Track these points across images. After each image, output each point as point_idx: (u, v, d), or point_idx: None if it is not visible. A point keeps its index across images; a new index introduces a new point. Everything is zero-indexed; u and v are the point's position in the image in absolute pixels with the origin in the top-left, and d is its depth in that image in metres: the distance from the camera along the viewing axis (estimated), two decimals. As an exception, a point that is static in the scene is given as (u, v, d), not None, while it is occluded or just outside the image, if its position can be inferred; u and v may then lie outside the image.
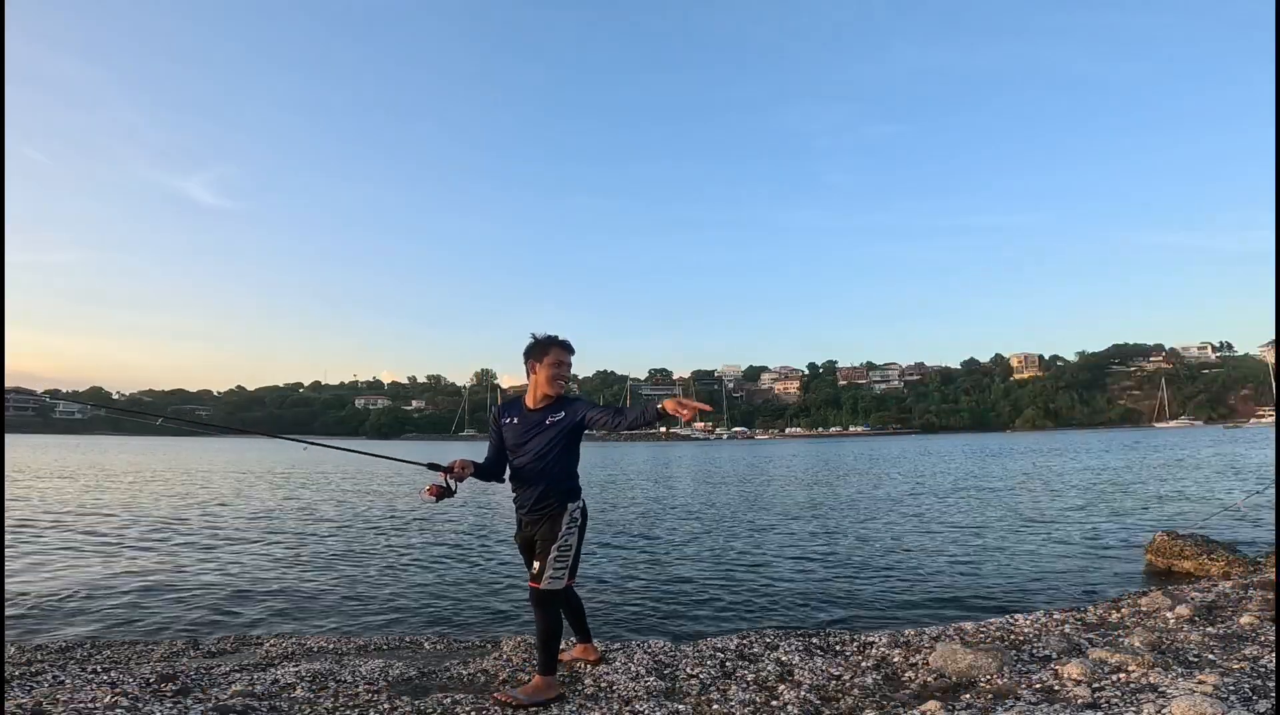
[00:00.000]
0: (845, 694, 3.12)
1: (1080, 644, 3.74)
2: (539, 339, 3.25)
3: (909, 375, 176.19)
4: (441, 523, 11.56)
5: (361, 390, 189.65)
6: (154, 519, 11.79)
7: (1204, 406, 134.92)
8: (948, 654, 3.37)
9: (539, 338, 3.26)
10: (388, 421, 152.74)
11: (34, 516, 11.75)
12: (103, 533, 10.12)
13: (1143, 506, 12.34)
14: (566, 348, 3.25)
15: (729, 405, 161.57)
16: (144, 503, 14.36)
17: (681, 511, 13.24)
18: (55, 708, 2.77)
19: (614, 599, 6.23)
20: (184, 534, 10.13)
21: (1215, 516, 10.20)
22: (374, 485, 19.99)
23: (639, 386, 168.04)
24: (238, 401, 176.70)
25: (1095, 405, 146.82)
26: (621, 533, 10.32)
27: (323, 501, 15.24)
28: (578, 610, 3.57)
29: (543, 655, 3.09)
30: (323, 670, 3.45)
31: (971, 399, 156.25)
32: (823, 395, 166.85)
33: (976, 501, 13.92)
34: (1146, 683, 2.78)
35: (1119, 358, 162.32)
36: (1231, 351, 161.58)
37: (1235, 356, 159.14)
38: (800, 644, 3.98)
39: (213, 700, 2.96)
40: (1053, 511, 11.92)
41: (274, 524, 11.35)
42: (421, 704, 2.95)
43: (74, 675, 3.40)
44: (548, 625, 3.08)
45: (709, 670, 3.44)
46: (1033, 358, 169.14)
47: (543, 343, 3.24)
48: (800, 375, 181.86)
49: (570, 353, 3.27)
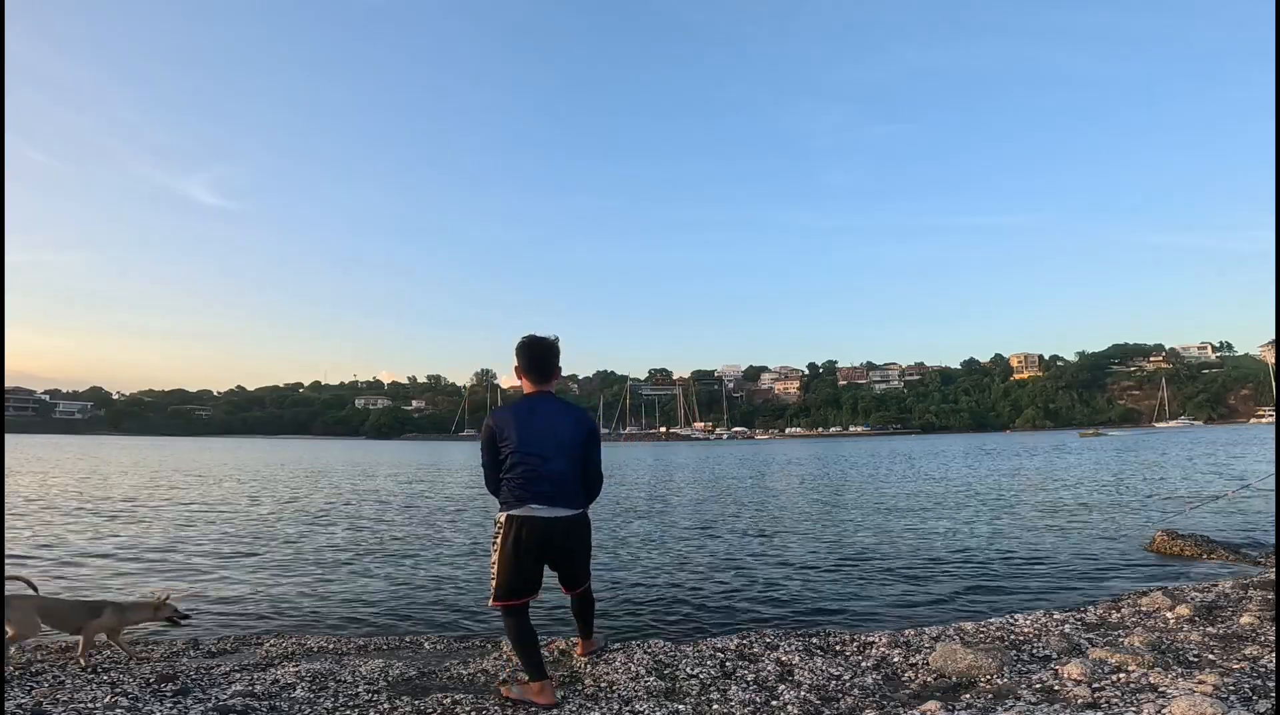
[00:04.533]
0: (845, 694, 3.12)
1: (1080, 644, 3.74)
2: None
3: (909, 375, 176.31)
4: (442, 522, 11.56)
5: (361, 390, 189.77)
6: (154, 519, 11.79)
7: (1204, 406, 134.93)
8: (948, 654, 3.37)
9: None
10: (388, 421, 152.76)
11: (34, 516, 11.74)
12: (102, 533, 10.11)
13: (1142, 506, 12.34)
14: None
15: (729, 405, 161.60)
16: (143, 502, 14.35)
17: (681, 511, 13.24)
18: (55, 708, 2.77)
19: (614, 599, 6.22)
20: (184, 534, 10.12)
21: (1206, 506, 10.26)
22: (374, 485, 19.99)
23: (639, 386, 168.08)
24: (238, 401, 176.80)
25: (1095, 405, 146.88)
26: (621, 533, 10.32)
27: (322, 501, 15.23)
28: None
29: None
30: (323, 670, 3.44)
31: (971, 399, 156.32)
32: (823, 395, 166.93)
33: (976, 501, 13.91)
34: (1146, 683, 2.78)
35: (1119, 358, 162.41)
36: (1231, 351, 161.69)
37: (1235, 356, 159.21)
38: (800, 644, 3.98)
39: (213, 700, 2.96)
40: (1052, 511, 11.91)
41: (273, 524, 11.34)
42: (421, 704, 2.95)
43: (74, 675, 3.40)
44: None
45: (709, 670, 3.44)
46: (1033, 358, 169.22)
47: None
48: (800, 375, 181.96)
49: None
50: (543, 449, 3.09)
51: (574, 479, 3.17)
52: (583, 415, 3.30)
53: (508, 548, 3.06)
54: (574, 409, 3.30)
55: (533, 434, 3.10)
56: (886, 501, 14.37)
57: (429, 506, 14.32)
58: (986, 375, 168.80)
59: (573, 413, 3.26)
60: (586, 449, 3.22)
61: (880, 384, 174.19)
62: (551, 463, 3.08)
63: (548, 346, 3.29)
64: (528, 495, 3.06)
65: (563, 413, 3.21)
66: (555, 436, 3.12)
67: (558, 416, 3.18)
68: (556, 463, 3.09)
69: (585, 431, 3.22)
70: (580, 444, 3.18)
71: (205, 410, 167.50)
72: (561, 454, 3.11)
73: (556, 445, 3.11)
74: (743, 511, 13.07)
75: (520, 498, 3.07)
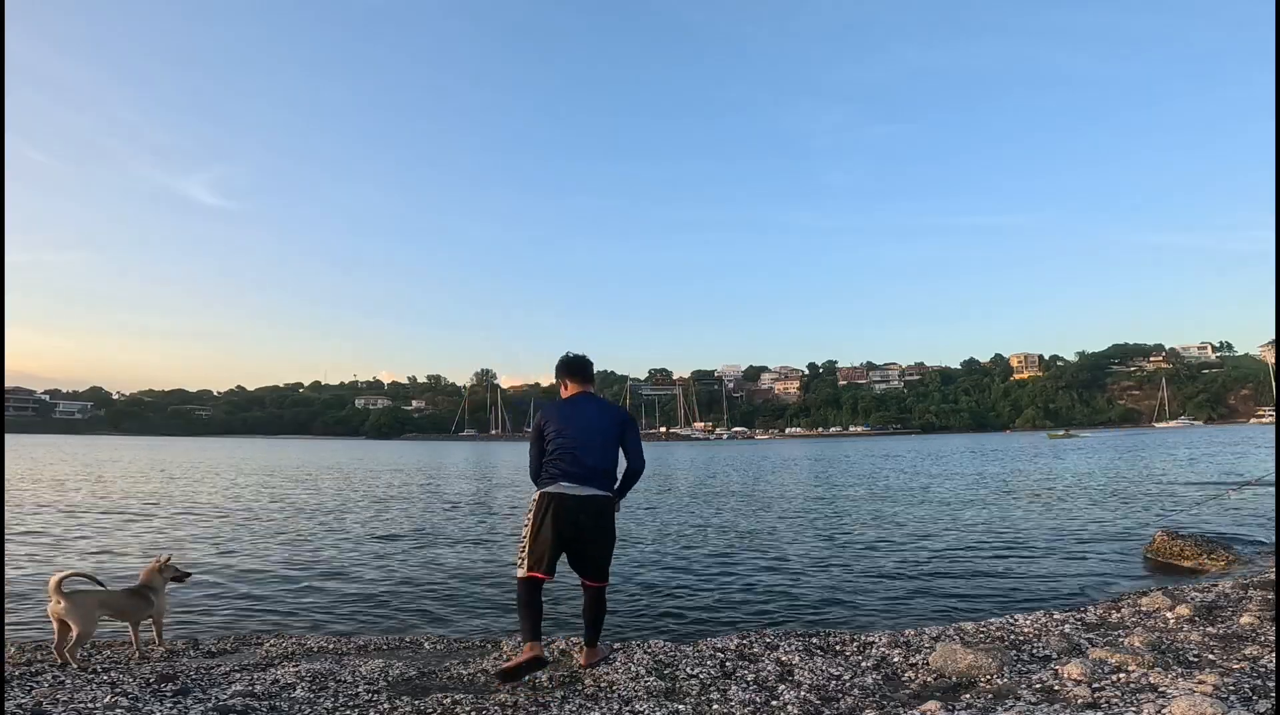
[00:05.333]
0: (845, 694, 3.12)
1: (1080, 644, 3.74)
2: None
3: (909, 375, 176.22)
4: (442, 522, 11.57)
5: (361, 390, 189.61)
6: (153, 519, 11.79)
7: (1204, 406, 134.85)
8: (948, 654, 3.37)
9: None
10: (388, 421, 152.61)
11: (33, 516, 11.74)
12: (101, 533, 10.12)
13: (1142, 505, 12.34)
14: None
15: (729, 405, 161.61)
16: (143, 502, 14.35)
17: (681, 511, 13.24)
18: (55, 708, 2.77)
19: (614, 599, 6.22)
20: (184, 534, 10.12)
21: (1207, 505, 10.25)
22: (374, 485, 19.99)
23: (639, 386, 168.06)
24: (238, 401, 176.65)
25: (1095, 405, 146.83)
26: (620, 533, 10.32)
27: (322, 501, 15.24)
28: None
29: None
30: (323, 670, 3.44)
31: (971, 399, 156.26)
32: (823, 395, 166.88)
33: (976, 501, 13.91)
34: (1146, 683, 2.78)
35: (1119, 358, 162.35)
36: (1231, 351, 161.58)
37: (1235, 356, 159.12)
38: (800, 644, 3.98)
39: (213, 700, 2.96)
40: (1052, 511, 11.92)
41: (273, 523, 11.34)
42: (421, 704, 2.95)
43: (74, 675, 3.40)
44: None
45: (709, 670, 3.44)
46: (1033, 358, 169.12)
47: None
48: (800, 375, 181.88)
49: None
50: (580, 437, 3.45)
51: (607, 466, 3.47)
52: (618, 409, 3.70)
53: (537, 522, 3.37)
54: (611, 405, 3.74)
55: (572, 424, 3.49)
56: (886, 502, 14.37)
57: (429, 507, 14.33)
58: (986, 375, 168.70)
59: (609, 406, 3.68)
60: (624, 436, 3.58)
61: (880, 384, 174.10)
62: (586, 449, 3.42)
63: (584, 356, 3.82)
64: (560, 474, 3.39)
65: (599, 406, 3.62)
66: (592, 426, 3.49)
67: (595, 410, 3.59)
68: (592, 449, 3.43)
69: (619, 421, 3.59)
70: (615, 433, 3.54)
71: (205, 410, 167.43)
72: (596, 442, 3.45)
73: (592, 433, 3.47)
74: (742, 512, 13.07)
75: (554, 477, 3.40)
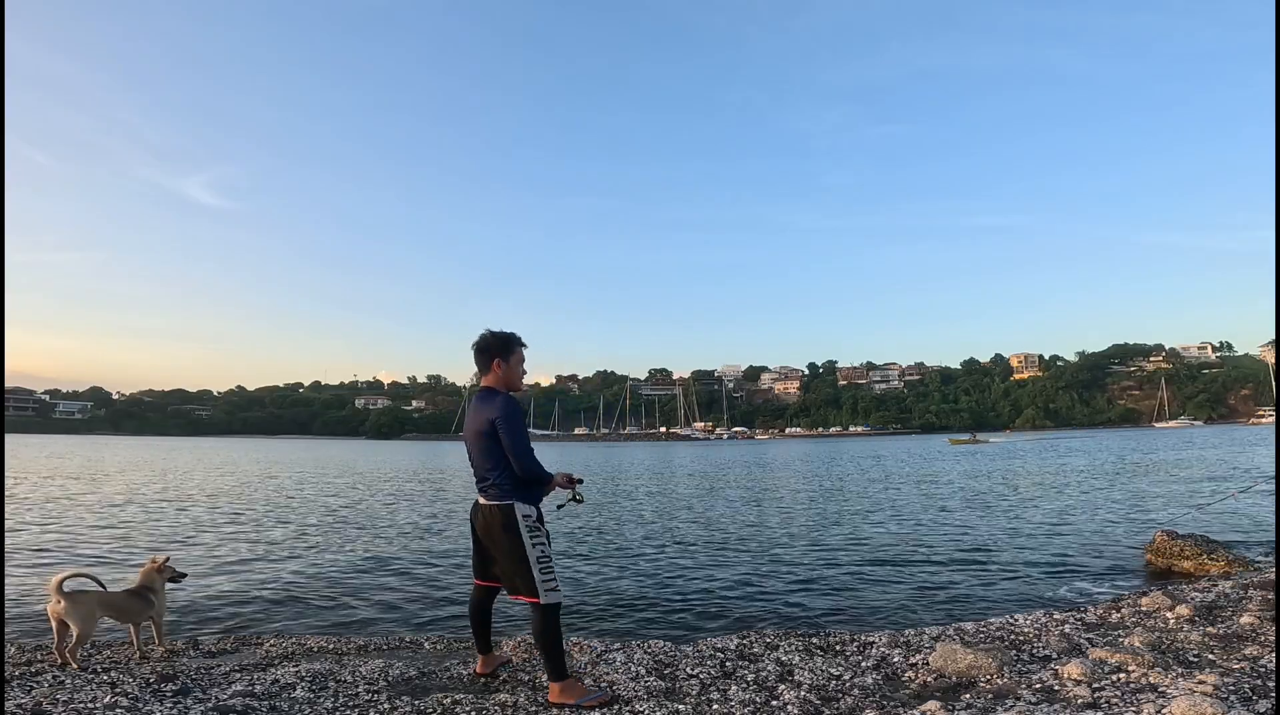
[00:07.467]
0: (845, 694, 3.12)
1: (1080, 644, 3.74)
2: (506, 336, 3.28)
3: (909, 375, 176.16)
4: (442, 522, 11.56)
5: (361, 390, 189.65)
6: (153, 518, 11.78)
7: (1204, 406, 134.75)
8: (948, 654, 3.37)
9: (505, 335, 3.28)
10: (388, 421, 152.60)
11: (32, 516, 11.74)
12: (101, 534, 10.11)
13: (1142, 505, 12.33)
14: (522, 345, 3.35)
15: (729, 405, 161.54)
16: (142, 502, 14.35)
17: (681, 511, 13.24)
18: (55, 708, 2.77)
19: (614, 599, 6.23)
20: (183, 534, 10.12)
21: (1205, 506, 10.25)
22: (373, 485, 19.99)
23: (639, 386, 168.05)
24: (238, 401, 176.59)
25: (1095, 405, 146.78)
26: (621, 532, 10.32)
27: (322, 500, 15.24)
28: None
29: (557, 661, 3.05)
30: (323, 670, 3.45)
31: (971, 399, 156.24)
32: (823, 395, 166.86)
33: (975, 501, 13.91)
34: (1146, 683, 2.78)
35: (1119, 358, 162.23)
36: (1231, 351, 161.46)
37: (1235, 356, 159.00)
38: (800, 644, 3.99)
39: (213, 700, 2.96)
40: (1052, 511, 11.91)
41: (273, 523, 11.34)
42: (421, 704, 2.95)
43: (74, 675, 3.40)
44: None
45: (709, 670, 3.44)
46: (1033, 358, 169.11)
47: (513, 340, 3.29)
48: (800, 375, 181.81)
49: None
50: (469, 441, 3.18)
51: (486, 472, 3.10)
52: (490, 405, 3.08)
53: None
54: (486, 400, 3.12)
55: (467, 427, 3.20)
56: (886, 502, 14.37)
57: (429, 507, 14.33)
58: (986, 375, 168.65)
59: (482, 403, 3.13)
60: (499, 435, 3.03)
61: (880, 384, 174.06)
62: (472, 455, 3.17)
63: (483, 336, 3.25)
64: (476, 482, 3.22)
65: (476, 403, 3.17)
66: (469, 428, 3.17)
67: (474, 408, 3.17)
68: (474, 454, 3.16)
69: (489, 419, 3.05)
70: (489, 432, 3.05)
71: (205, 410, 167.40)
72: (473, 446, 3.15)
73: (470, 436, 3.15)
74: (742, 512, 13.07)
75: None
